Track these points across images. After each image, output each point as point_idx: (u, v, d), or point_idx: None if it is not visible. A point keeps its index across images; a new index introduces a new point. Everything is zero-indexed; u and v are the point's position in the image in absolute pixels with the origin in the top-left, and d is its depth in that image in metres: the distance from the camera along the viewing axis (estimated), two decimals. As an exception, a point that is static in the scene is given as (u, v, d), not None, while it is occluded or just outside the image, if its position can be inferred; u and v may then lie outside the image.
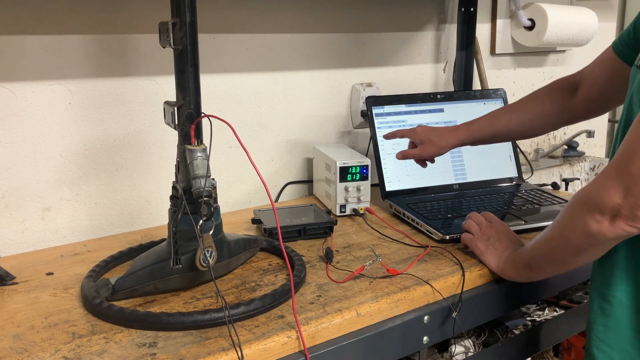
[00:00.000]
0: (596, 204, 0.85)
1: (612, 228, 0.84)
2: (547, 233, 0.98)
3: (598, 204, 0.84)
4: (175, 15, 0.95)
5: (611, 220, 0.84)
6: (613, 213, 0.83)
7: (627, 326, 0.95)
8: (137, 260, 1.04)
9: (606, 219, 0.84)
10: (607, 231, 0.85)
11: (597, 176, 0.87)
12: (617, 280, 0.95)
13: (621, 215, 0.83)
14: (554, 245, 0.97)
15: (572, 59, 2.29)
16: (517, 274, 1.07)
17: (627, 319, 0.95)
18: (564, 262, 0.97)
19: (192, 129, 0.97)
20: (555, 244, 0.96)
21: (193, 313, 0.90)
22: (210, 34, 1.42)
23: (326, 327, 0.92)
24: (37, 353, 0.84)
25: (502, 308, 1.17)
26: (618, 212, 0.83)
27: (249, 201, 1.56)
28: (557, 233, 0.95)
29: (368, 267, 1.10)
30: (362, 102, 1.68)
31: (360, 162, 1.41)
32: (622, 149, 0.84)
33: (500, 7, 2.00)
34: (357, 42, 1.69)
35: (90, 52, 1.27)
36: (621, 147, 0.85)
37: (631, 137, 0.84)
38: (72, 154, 1.29)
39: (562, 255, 0.96)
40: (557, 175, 2.19)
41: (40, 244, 1.27)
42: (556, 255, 0.97)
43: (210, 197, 0.95)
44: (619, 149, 0.85)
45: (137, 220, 1.39)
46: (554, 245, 0.97)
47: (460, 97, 1.62)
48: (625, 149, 0.84)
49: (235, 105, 1.50)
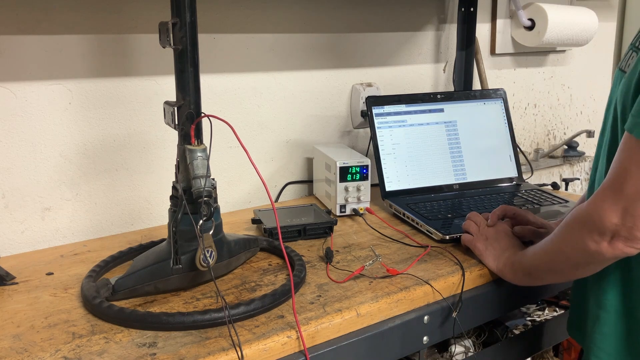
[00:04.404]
0: (595, 224, 0.85)
1: (610, 249, 0.85)
2: (546, 245, 0.98)
3: (597, 225, 0.85)
4: (175, 15, 0.95)
5: (610, 242, 0.84)
6: (612, 234, 0.84)
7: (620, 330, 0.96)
8: (137, 260, 1.04)
9: (605, 239, 0.84)
10: (605, 251, 0.85)
11: (593, 195, 0.87)
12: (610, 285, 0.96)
13: (620, 236, 0.83)
14: (553, 258, 0.97)
15: (572, 59, 2.29)
16: (516, 278, 1.07)
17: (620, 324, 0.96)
18: (563, 274, 0.99)
19: (192, 129, 0.97)
20: (553, 258, 0.97)
21: (193, 313, 0.90)
22: (210, 34, 1.42)
23: (326, 327, 0.92)
24: (37, 353, 0.84)
25: (502, 308, 1.17)
26: (617, 233, 0.83)
27: (249, 201, 1.56)
28: (555, 248, 0.96)
29: (368, 267, 1.10)
30: (362, 102, 1.68)
31: (360, 162, 1.41)
32: (615, 169, 0.84)
33: (500, 7, 2.00)
34: (357, 42, 1.69)
35: (90, 52, 1.27)
36: (614, 167, 0.85)
37: (624, 157, 0.83)
38: (72, 154, 1.29)
39: (561, 268, 0.97)
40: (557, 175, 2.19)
41: (40, 244, 1.27)
42: (555, 267, 0.98)
43: (210, 197, 0.95)
44: (613, 168, 0.85)
45: (137, 220, 1.39)
46: (553, 258, 0.97)
47: (460, 97, 1.62)
48: (618, 169, 0.84)
49: (235, 105, 1.50)
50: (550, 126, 2.29)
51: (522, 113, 2.17)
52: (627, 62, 0.96)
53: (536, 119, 2.23)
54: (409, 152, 1.51)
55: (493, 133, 1.61)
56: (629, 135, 0.83)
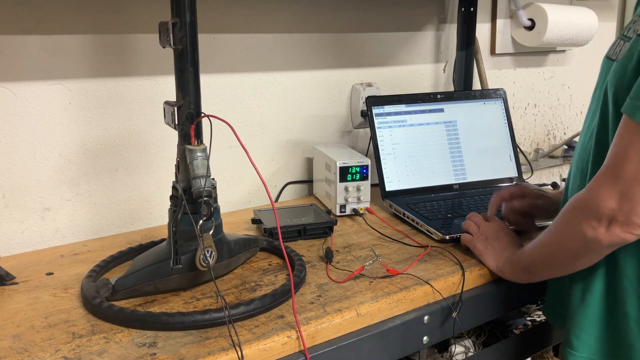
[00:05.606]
0: (592, 210, 0.85)
1: (608, 235, 0.84)
2: (544, 238, 0.99)
3: (594, 211, 0.84)
4: (175, 15, 0.95)
5: (607, 227, 0.84)
6: (609, 219, 0.83)
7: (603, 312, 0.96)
8: (137, 260, 1.04)
9: (602, 225, 0.84)
10: (603, 238, 0.85)
11: (590, 182, 0.87)
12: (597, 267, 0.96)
13: (617, 221, 0.83)
14: (551, 251, 0.97)
15: (572, 59, 2.29)
16: (516, 276, 1.07)
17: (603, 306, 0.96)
18: (562, 267, 0.98)
19: (192, 129, 0.97)
20: (551, 250, 0.97)
21: (193, 313, 0.90)
22: (210, 34, 1.42)
23: (326, 327, 0.92)
24: (37, 353, 0.84)
25: (502, 308, 1.17)
26: (614, 218, 0.83)
27: (249, 201, 1.56)
28: (553, 239, 0.96)
29: (368, 267, 1.10)
30: (362, 102, 1.68)
31: (360, 162, 1.41)
32: (612, 154, 0.84)
33: (500, 7, 2.00)
34: (357, 42, 1.69)
35: (90, 52, 1.27)
36: (612, 151, 0.84)
37: (620, 142, 0.83)
38: (72, 154, 1.29)
39: (560, 261, 0.96)
40: (557, 175, 2.19)
41: (40, 244, 1.27)
42: (553, 260, 0.98)
43: (210, 197, 0.95)
44: (610, 154, 0.85)
45: (137, 220, 1.39)
46: (551, 251, 0.97)
47: (460, 97, 1.62)
48: (616, 154, 0.83)
49: (235, 105, 1.50)
50: (550, 126, 2.29)
51: (522, 113, 2.17)
52: (615, 49, 0.96)
53: (536, 119, 2.23)
54: (409, 152, 1.51)
55: (493, 133, 1.61)
56: (627, 119, 0.82)
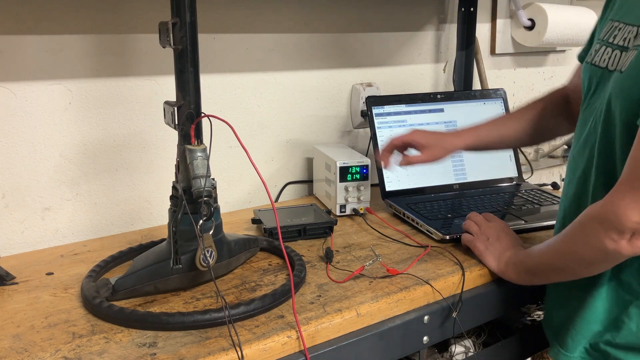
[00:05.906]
0: (612, 223, 0.83)
1: (629, 247, 0.83)
2: (555, 245, 0.97)
3: (615, 224, 0.83)
4: (175, 15, 0.95)
5: (629, 240, 0.83)
6: (632, 232, 0.82)
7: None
8: (137, 260, 1.04)
9: (624, 238, 0.83)
10: (624, 250, 0.84)
11: (610, 193, 0.86)
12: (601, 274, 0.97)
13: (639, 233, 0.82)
14: (563, 258, 0.96)
15: (572, 59, 2.29)
16: (519, 277, 1.06)
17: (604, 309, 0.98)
18: (573, 273, 0.97)
19: (192, 129, 0.97)
20: (564, 257, 0.96)
21: (193, 313, 0.90)
22: (210, 34, 1.42)
23: (326, 327, 0.92)
24: (37, 353, 0.84)
25: (502, 308, 1.17)
26: (637, 231, 0.82)
27: (249, 201, 1.56)
28: (567, 248, 0.94)
29: (368, 267, 1.10)
30: (362, 102, 1.68)
31: (360, 162, 1.41)
32: (632, 165, 0.83)
33: (500, 7, 2.00)
34: (357, 42, 1.69)
35: (90, 52, 1.27)
36: (631, 163, 0.83)
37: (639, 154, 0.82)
38: (72, 154, 1.29)
39: (571, 267, 0.95)
40: (557, 175, 2.20)
41: (40, 244, 1.27)
42: (564, 266, 0.97)
43: (210, 197, 0.95)
44: (629, 165, 0.84)
45: (137, 220, 1.39)
46: (563, 258, 0.96)
47: (460, 97, 1.62)
48: (636, 165, 0.82)
49: (235, 105, 1.50)
50: (550, 126, 2.29)
51: (522, 113, 2.17)
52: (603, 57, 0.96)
53: (536, 119, 2.22)
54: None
55: (493, 133, 1.61)
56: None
